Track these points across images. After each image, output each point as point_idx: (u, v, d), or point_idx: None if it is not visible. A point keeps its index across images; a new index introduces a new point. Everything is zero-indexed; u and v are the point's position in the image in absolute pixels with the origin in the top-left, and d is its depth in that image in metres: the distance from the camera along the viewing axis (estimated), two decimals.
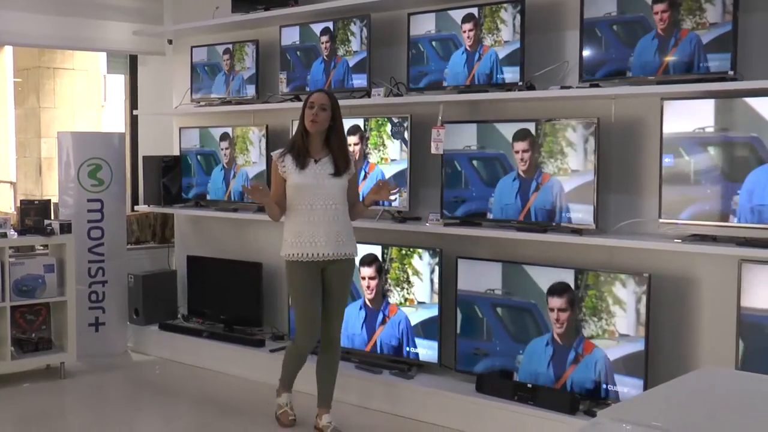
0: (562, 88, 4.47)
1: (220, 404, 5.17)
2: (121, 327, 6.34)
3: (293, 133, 4.79)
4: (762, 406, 2.06)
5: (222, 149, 6.10)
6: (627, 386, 4.18)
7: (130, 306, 6.36)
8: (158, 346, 6.26)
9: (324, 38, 5.47)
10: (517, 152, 4.58)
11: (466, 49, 4.78)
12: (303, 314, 4.48)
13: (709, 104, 4.01)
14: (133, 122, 7.28)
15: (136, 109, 7.18)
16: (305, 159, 4.41)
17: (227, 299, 6.09)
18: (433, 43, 4.93)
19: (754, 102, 3.87)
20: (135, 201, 7.03)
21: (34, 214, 5.87)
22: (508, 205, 4.62)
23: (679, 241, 4.08)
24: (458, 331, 4.80)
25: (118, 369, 5.99)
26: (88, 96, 11.17)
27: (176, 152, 6.53)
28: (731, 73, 3.93)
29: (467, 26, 4.77)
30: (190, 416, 5.14)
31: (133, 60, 7.29)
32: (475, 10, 4.73)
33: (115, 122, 9.00)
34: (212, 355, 5.87)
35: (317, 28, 5.50)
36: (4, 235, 5.41)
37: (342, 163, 4.43)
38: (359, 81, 5.28)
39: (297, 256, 4.41)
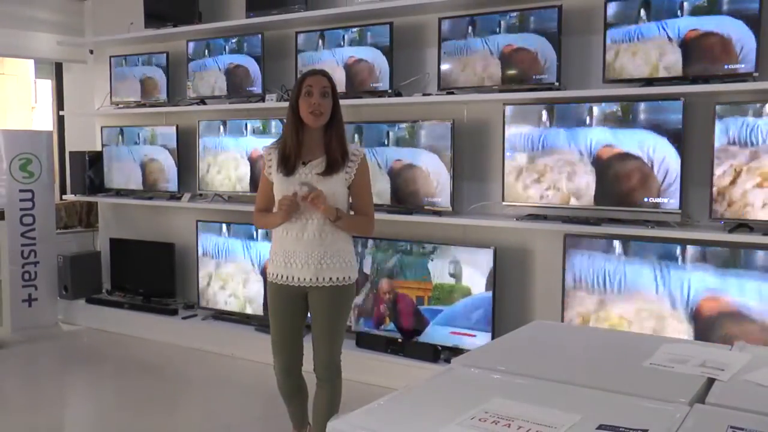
0: (424, 95, 4.54)
1: (140, 365, 5.09)
2: (52, 302, 6.12)
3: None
4: (578, 349, 2.19)
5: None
6: (478, 338, 4.31)
7: (60, 283, 6.18)
8: (85, 318, 6.09)
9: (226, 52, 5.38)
10: (387, 146, 4.64)
11: (345, 62, 4.79)
12: (272, 335, 3.20)
13: (541, 108, 4.15)
14: (60, 122, 7.02)
15: (63, 110, 6.91)
16: (294, 162, 3.02)
17: (145, 275, 6.00)
18: (316, 56, 4.91)
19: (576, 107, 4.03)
20: (63, 191, 6.77)
21: None
22: (382, 191, 4.67)
23: (518, 219, 4.22)
24: None
25: (50, 339, 5.80)
26: (19, 98, 10.60)
27: (98, 148, 6.33)
28: (557, 84, 4.08)
29: (345, 43, 4.78)
30: (114, 376, 5.02)
31: (59, 67, 7.00)
32: (350, 31, 4.75)
33: (46, 122, 8.60)
34: (133, 323, 5.77)
35: (219, 42, 5.40)
36: None
37: (336, 162, 3.01)
38: (255, 88, 5.23)
39: (272, 277, 3.14)
